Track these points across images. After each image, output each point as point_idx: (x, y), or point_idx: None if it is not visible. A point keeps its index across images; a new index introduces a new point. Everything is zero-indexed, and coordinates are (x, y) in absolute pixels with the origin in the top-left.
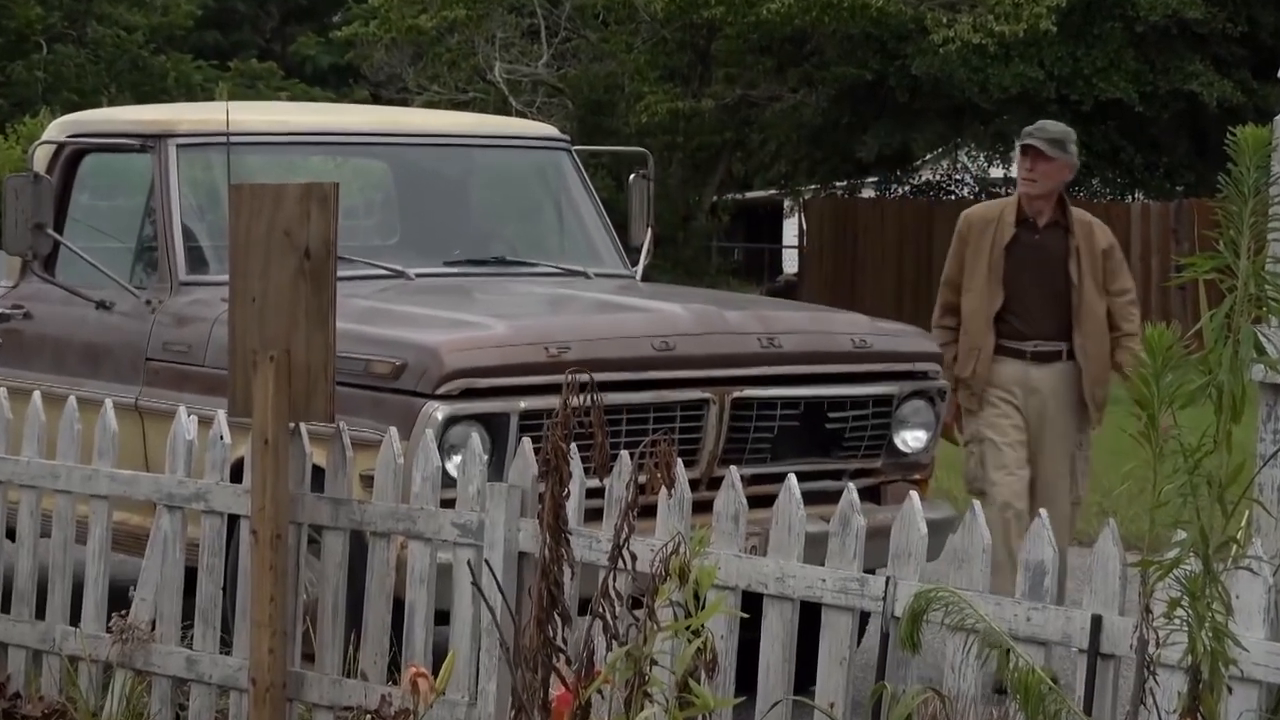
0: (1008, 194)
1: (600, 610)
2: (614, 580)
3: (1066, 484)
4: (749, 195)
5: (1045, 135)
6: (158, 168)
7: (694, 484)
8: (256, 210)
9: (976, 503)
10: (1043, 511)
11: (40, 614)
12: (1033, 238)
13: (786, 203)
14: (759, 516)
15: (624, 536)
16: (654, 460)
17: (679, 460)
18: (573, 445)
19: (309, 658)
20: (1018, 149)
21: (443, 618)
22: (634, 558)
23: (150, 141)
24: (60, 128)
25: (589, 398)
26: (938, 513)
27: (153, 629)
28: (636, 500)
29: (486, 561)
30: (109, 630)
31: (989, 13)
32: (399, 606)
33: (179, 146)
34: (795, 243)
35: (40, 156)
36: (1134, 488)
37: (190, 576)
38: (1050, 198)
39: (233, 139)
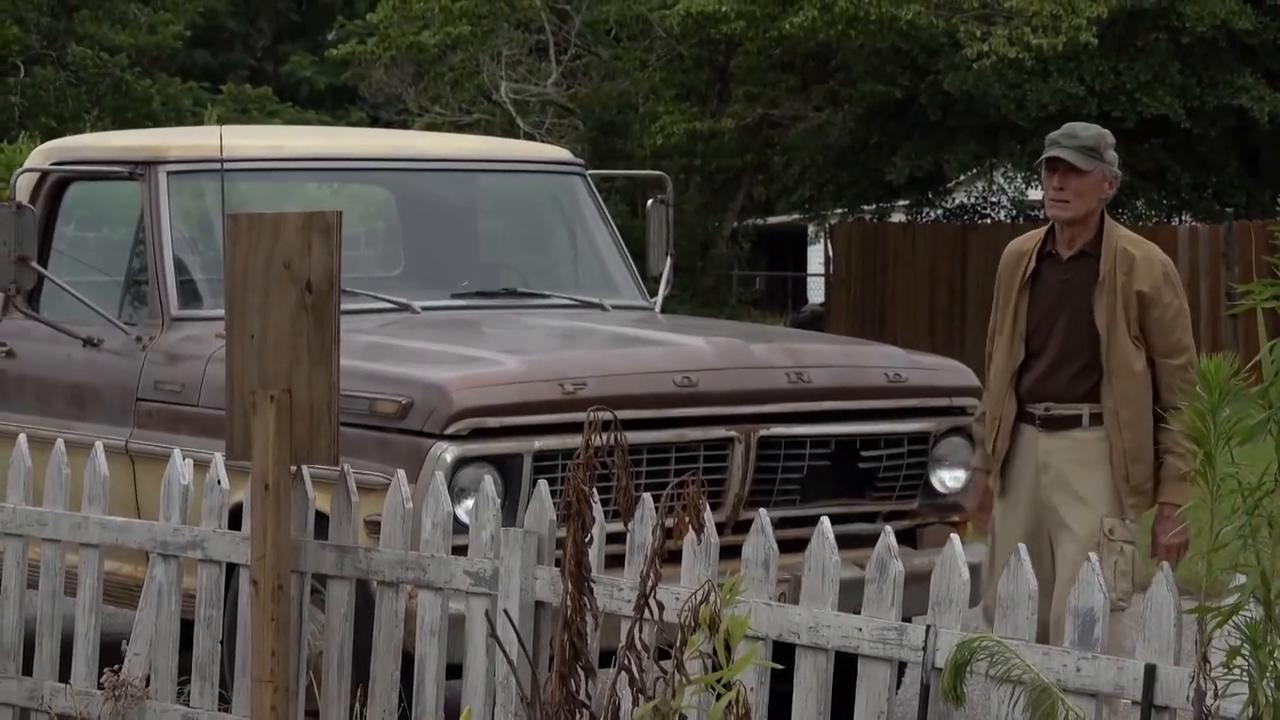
0: (1046, 219)
1: (626, 662)
2: (640, 631)
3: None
4: (771, 221)
5: (1075, 142)
6: (148, 196)
7: (719, 528)
8: (255, 241)
9: (1022, 546)
10: (1092, 555)
11: (28, 670)
12: (1057, 272)
13: (811, 228)
14: (788, 562)
15: (650, 585)
16: (681, 504)
17: (706, 504)
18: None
19: (313, 715)
20: (1043, 163)
21: (454, 671)
22: (661, 607)
23: (140, 168)
24: (44, 155)
25: (610, 437)
26: (978, 557)
27: (147, 685)
28: (664, 547)
29: (505, 612)
30: (100, 687)
31: (1025, 25)
32: (408, 660)
33: (170, 173)
34: (821, 271)
35: (23, 185)
36: (1190, 529)
37: (186, 629)
38: (1088, 221)
39: (227, 165)
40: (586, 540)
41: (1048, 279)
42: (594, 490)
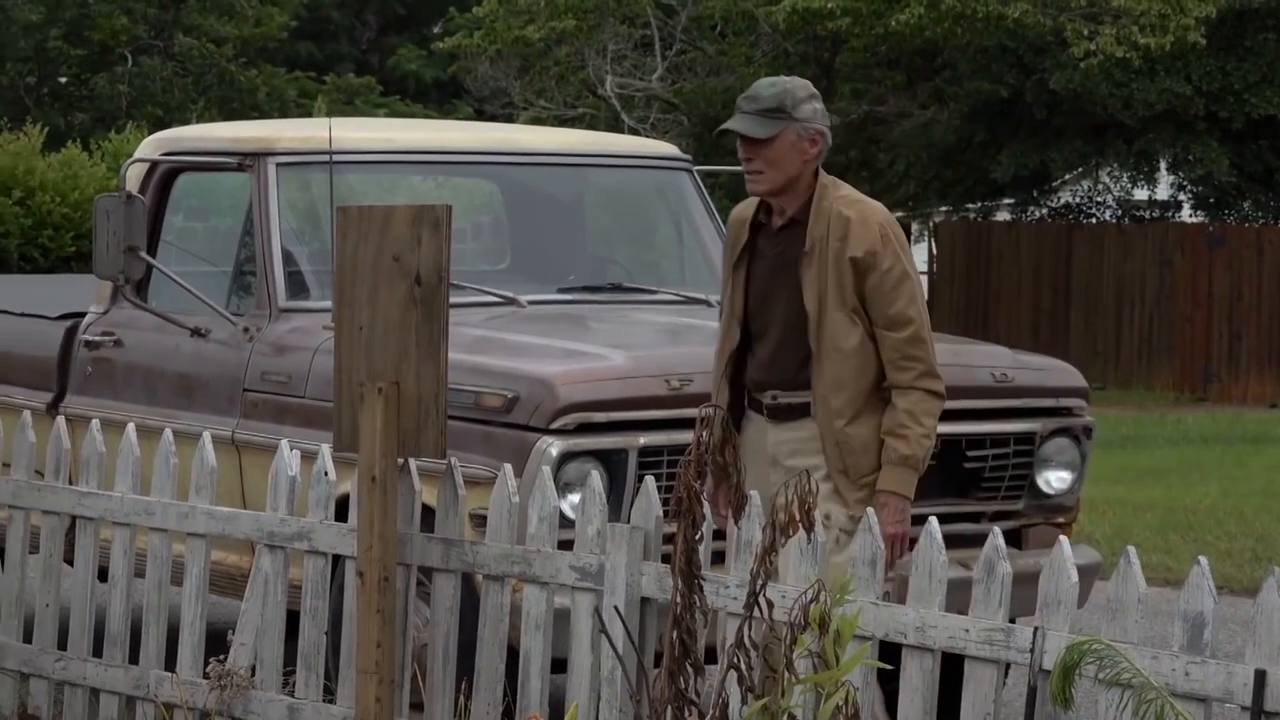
0: (1152, 219)
1: (735, 660)
2: (749, 629)
3: None
4: None
5: (755, 106)
6: (257, 187)
7: None
8: (364, 234)
9: (1132, 548)
10: (1202, 559)
11: (134, 659)
12: (771, 244)
13: (915, 226)
14: None
15: (761, 583)
16: (792, 501)
17: (815, 502)
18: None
19: (417, 707)
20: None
21: (557, 666)
22: (770, 605)
23: (249, 160)
24: (154, 145)
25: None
26: (1083, 558)
27: (252, 675)
28: (774, 544)
29: (616, 608)
30: (206, 676)
31: (1133, 24)
32: (512, 654)
33: (279, 165)
34: (925, 268)
35: (132, 175)
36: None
37: (292, 620)
38: (794, 187)
39: (336, 157)
40: (697, 537)
41: (762, 252)
42: (704, 487)
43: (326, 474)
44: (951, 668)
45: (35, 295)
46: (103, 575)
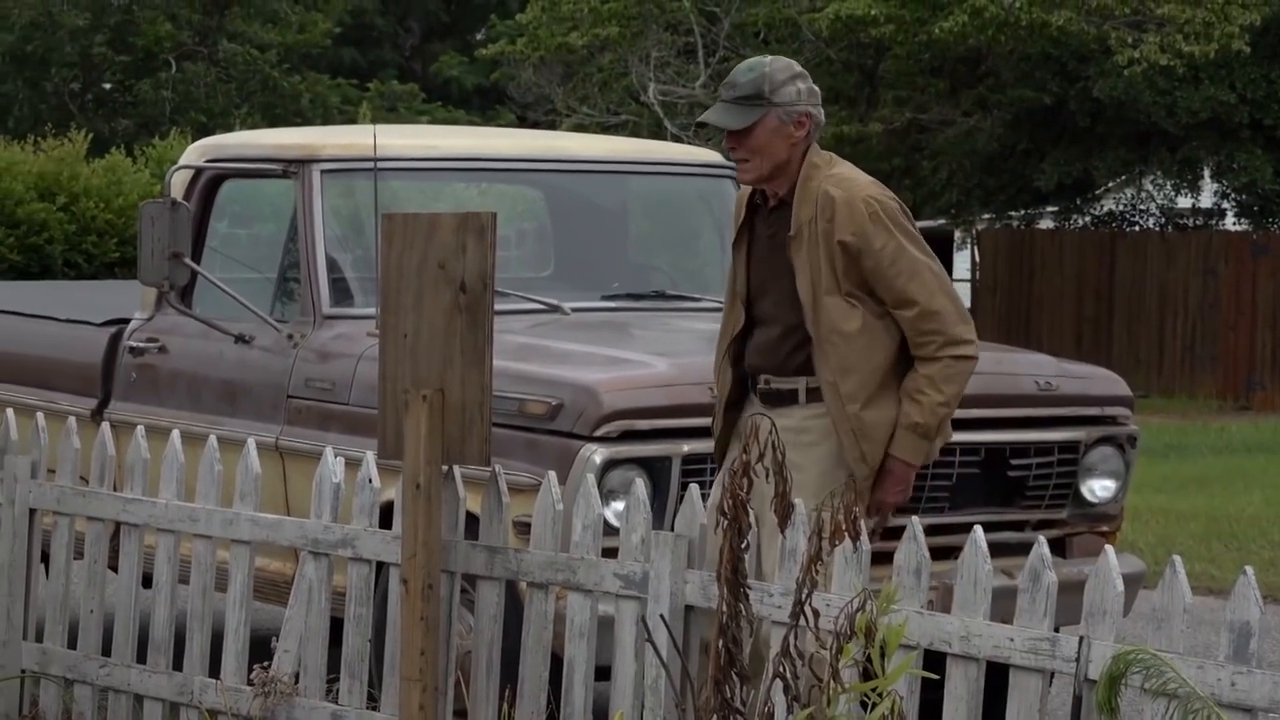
0: (1196, 227)
1: (781, 669)
2: (796, 638)
3: None
4: (918, 225)
5: (733, 94)
6: (301, 194)
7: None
8: (409, 241)
9: (1177, 558)
10: (1248, 569)
11: (178, 665)
12: (765, 226)
13: (958, 233)
14: (937, 569)
15: (807, 592)
16: (837, 510)
17: (861, 511)
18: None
19: (461, 714)
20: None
21: (601, 674)
22: (816, 614)
23: (293, 166)
24: (198, 152)
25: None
26: (1128, 567)
27: (296, 682)
28: (819, 553)
29: (662, 617)
30: (250, 683)
31: (1177, 32)
32: (556, 662)
33: (324, 172)
34: (967, 276)
35: (177, 182)
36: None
37: (335, 627)
38: (785, 170)
39: (380, 164)
40: (743, 546)
41: (759, 233)
42: (750, 495)
43: (371, 481)
44: (994, 677)
45: (80, 301)
46: (146, 582)
